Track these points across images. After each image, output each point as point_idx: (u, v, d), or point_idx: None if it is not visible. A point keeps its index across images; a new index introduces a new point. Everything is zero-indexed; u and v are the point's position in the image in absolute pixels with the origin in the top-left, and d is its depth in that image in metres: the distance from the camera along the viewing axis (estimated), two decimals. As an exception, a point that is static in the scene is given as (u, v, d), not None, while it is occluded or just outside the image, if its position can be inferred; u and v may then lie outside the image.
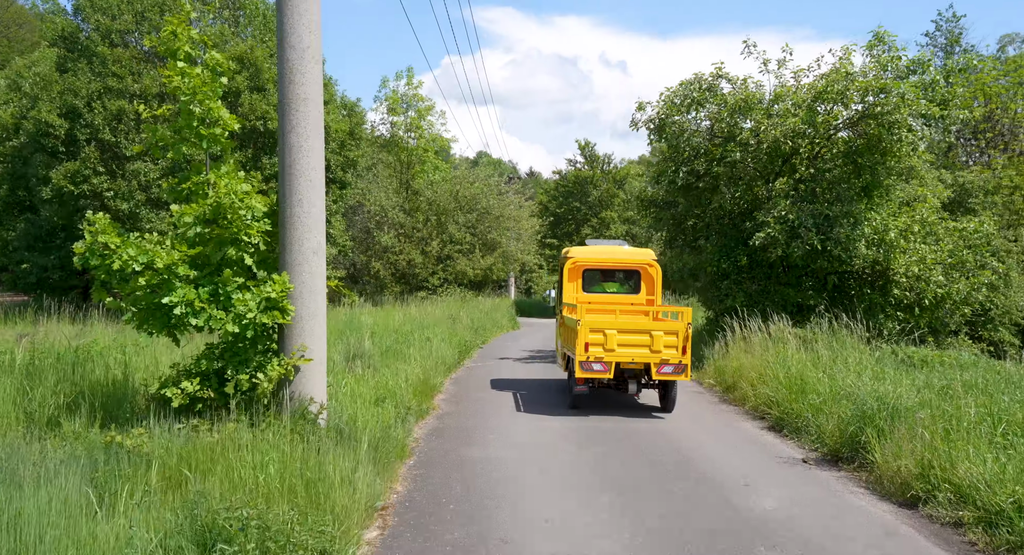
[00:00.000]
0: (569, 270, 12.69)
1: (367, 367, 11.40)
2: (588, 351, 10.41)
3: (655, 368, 10.41)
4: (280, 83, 7.19)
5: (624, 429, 9.60)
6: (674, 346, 10.39)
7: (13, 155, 23.33)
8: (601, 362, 10.39)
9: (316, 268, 7.24)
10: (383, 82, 46.79)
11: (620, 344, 10.44)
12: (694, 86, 15.04)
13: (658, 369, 10.40)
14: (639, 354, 10.43)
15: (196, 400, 6.80)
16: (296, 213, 7.13)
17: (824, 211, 13.68)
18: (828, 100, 14.06)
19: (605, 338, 10.42)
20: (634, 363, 10.48)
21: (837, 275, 14.85)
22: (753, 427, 10.03)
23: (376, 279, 34.40)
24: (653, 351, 10.39)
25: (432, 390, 11.46)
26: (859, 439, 7.87)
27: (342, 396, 8.25)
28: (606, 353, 10.40)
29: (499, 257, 36.47)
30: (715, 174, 15.43)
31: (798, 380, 10.26)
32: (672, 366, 10.37)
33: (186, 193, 7.02)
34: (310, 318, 7.19)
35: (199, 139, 7.03)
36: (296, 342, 7.11)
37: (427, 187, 36.06)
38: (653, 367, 10.42)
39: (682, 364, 10.37)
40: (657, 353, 10.37)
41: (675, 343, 10.40)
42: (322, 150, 7.33)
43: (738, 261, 15.17)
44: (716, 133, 15.36)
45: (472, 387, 12.84)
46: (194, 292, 6.63)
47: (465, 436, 8.96)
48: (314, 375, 7.21)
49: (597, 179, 47.45)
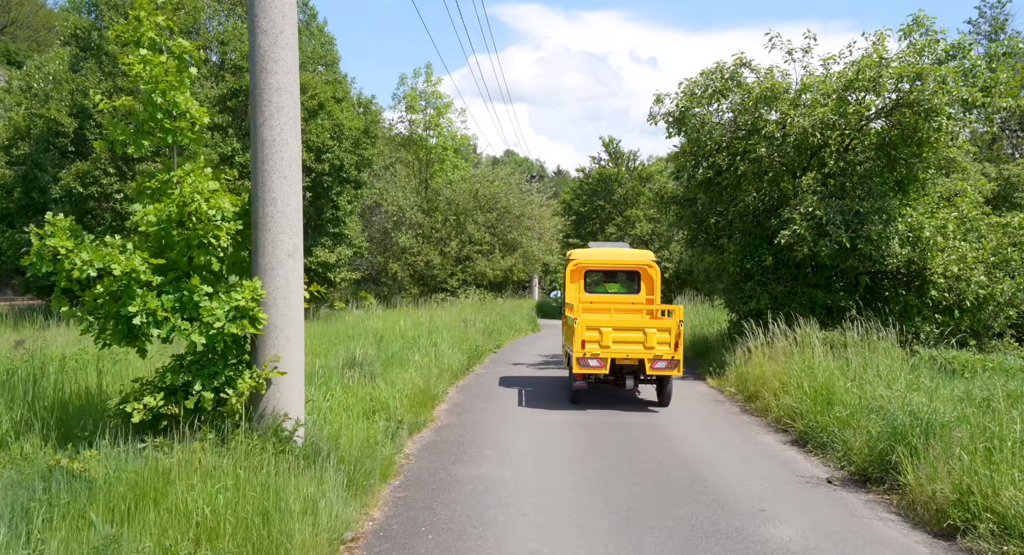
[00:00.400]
0: (571, 272, 13.21)
1: (365, 376, 10.85)
2: (585, 348, 10.97)
3: (649, 363, 10.91)
4: (252, 72, 6.64)
5: (634, 445, 8.92)
6: (667, 343, 10.94)
7: (26, 158, 23.24)
8: (597, 358, 10.95)
9: (292, 273, 6.69)
10: (401, 79, 46.29)
11: (615, 341, 10.97)
12: (716, 76, 14.25)
13: (652, 364, 10.91)
14: (633, 351, 10.95)
15: (160, 417, 6.28)
16: (269, 213, 6.57)
17: (855, 207, 12.84)
18: (859, 88, 13.20)
19: (601, 335, 10.95)
20: (629, 359, 11.02)
21: (869, 275, 13.97)
22: (775, 441, 9.29)
23: (394, 280, 33.98)
24: (647, 347, 10.91)
25: (433, 400, 10.88)
26: (890, 458, 7.12)
27: (327, 409, 7.68)
28: (602, 350, 10.95)
29: (520, 257, 35.84)
30: (738, 169, 14.64)
31: (824, 390, 9.48)
32: (665, 362, 10.91)
33: (150, 192, 6.49)
34: (285, 327, 6.63)
35: (164, 133, 6.50)
36: (269, 352, 6.55)
37: (446, 186, 35.55)
38: (647, 363, 10.92)
39: (675, 360, 10.91)
40: (650, 349, 10.91)
41: (668, 340, 10.94)
42: (298, 144, 6.77)
43: (762, 261, 14.38)
44: (739, 126, 14.57)
45: (477, 396, 12.23)
46: (156, 300, 6.10)
47: (461, 452, 8.35)
48: (289, 389, 6.64)
49: (622, 177, 46.54)
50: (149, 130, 6.47)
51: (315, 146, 24.07)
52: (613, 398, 12.16)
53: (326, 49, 29.53)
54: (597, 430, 9.61)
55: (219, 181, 6.60)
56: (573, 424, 10.02)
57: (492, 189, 35.81)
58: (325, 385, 9.03)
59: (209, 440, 6.06)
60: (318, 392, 8.12)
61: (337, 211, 25.96)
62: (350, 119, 25.76)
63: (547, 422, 10.11)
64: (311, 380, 9.31)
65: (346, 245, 27.24)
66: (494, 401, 11.70)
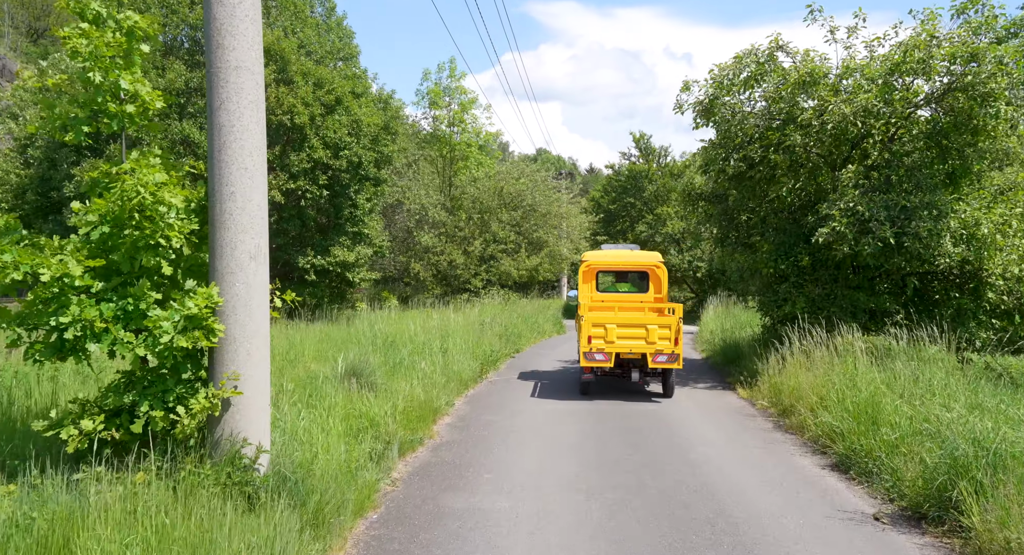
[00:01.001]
0: (583, 273, 13.86)
1: (364, 386, 10.05)
2: (591, 343, 11.86)
3: (651, 357, 11.74)
4: (207, 48, 5.82)
5: (651, 467, 7.95)
6: (667, 338, 11.76)
7: (43, 158, 22.96)
8: (602, 352, 11.83)
9: (254, 277, 5.87)
10: (424, 74, 45.72)
11: (619, 337, 11.81)
12: (749, 60, 13.15)
13: (653, 358, 11.74)
14: (636, 345, 11.81)
15: (102, 443, 5.51)
16: (228, 209, 5.76)
17: (901, 202, 11.68)
18: (907, 72, 12.03)
19: (606, 331, 11.79)
20: (632, 353, 11.86)
21: (918, 276, 12.78)
22: (811, 464, 8.25)
23: (417, 281, 33.28)
24: (648, 342, 11.75)
25: (434, 413, 10.02)
26: (949, 494, 6.07)
27: (303, 429, 6.86)
28: (607, 344, 11.81)
29: (546, 257, 34.89)
30: (772, 162, 13.53)
31: (869, 407, 8.41)
32: (666, 355, 11.74)
33: (90, 186, 5.73)
34: (246, 339, 5.81)
35: (109, 118, 5.73)
36: (227, 369, 5.74)
37: (470, 183, 34.74)
38: (649, 357, 11.75)
39: (674, 354, 11.75)
40: (652, 344, 11.74)
41: (668, 335, 11.77)
42: (261, 131, 5.95)
43: (798, 261, 13.26)
44: (773, 115, 13.46)
45: (486, 407, 11.34)
46: (95, 309, 5.33)
47: (456, 475, 7.48)
48: (251, 409, 5.82)
49: (652, 173, 45.28)
50: (90, 114, 5.69)
51: (332, 142, 23.42)
52: (630, 410, 11.20)
53: (344, 43, 28.93)
54: (610, 446, 8.66)
55: (170, 173, 5.81)
56: (584, 438, 9.09)
57: (517, 187, 34.90)
58: (313, 399, 8.23)
59: (153, 472, 5.27)
60: (293, 409, 7.29)
61: (356, 209, 25.26)
62: (369, 115, 25.07)
63: (556, 436, 9.19)
64: (300, 392, 8.53)
65: (366, 244, 26.52)
66: (502, 413, 10.81)
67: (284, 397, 7.88)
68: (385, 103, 29.53)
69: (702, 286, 44.06)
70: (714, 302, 28.08)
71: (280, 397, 7.83)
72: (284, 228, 23.31)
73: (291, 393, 8.25)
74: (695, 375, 15.49)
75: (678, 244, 43.70)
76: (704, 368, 16.86)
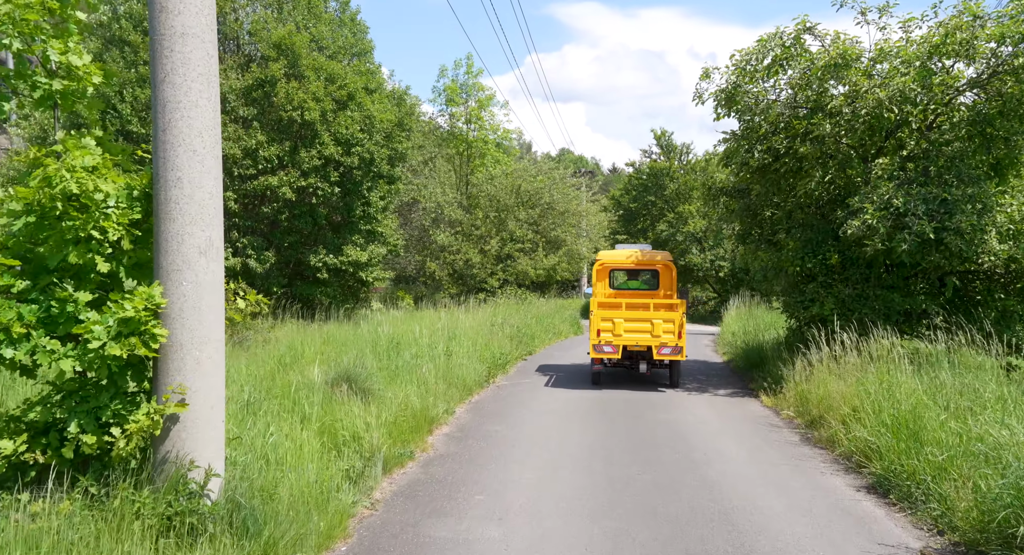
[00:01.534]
0: (597, 271, 14.67)
1: (355, 393, 9.33)
2: (600, 336, 12.88)
3: (655, 350, 12.73)
4: (149, 12, 5.10)
5: (664, 487, 7.13)
6: (671, 331, 12.70)
7: (49, 154, 22.53)
8: (611, 344, 12.81)
9: (205, 275, 5.14)
10: (441, 71, 44.90)
11: (626, 330, 12.79)
12: (773, 43, 12.22)
13: (658, 350, 12.71)
14: (642, 338, 12.78)
15: (25, 466, 4.82)
16: (174, 197, 5.04)
17: (941, 194, 10.72)
18: (948, 54, 11.06)
19: (614, 325, 12.79)
20: (638, 346, 12.86)
21: (958, 275, 11.80)
22: (845, 485, 7.37)
23: (432, 280, 32.61)
24: (654, 336, 12.73)
25: (431, 423, 9.26)
26: (1014, 531, 5.19)
27: (270, 447, 6.13)
28: (615, 337, 12.80)
29: (564, 256, 34.06)
30: (798, 153, 12.61)
31: (910, 421, 7.51)
32: (670, 348, 12.69)
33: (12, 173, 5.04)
34: (196, 346, 5.09)
35: (34, 91, 5.03)
36: (173, 381, 5.02)
37: (487, 181, 33.98)
38: (654, 349, 12.74)
39: (678, 346, 12.71)
40: (657, 337, 12.71)
41: (672, 329, 12.70)
42: (213, 108, 5.22)
43: (827, 259, 12.33)
44: (799, 103, 12.54)
45: (489, 415, 10.57)
46: (13, 311, 4.64)
47: (445, 496, 6.71)
48: (200, 427, 5.10)
49: (674, 171, 44.19)
50: (14, 88, 5.01)
51: (344, 139, 22.79)
52: (643, 419, 10.36)
53: (359, 38, 28.30)
54: (619, 462, 7.84)
55: (104, 156, 5.10)
56: (591, 452, 8.27)
57: (535, 184, 34.09)
58: (287, 409, 7.51)
59: (79, 501, 4.57)
60: (262, 422, 6.56)
61: (369, 207, 24.60)
62: (382, 111, 24.41)
63: (560, 449, 8.39)
64: (282, 401, 7.82)
65: (380, 243, 25.85)
66: (505, 422, 10.02)
67: (257, 407, 7.16)
68: (399, 99, 28.88)
69: (724, 286, 42.90)
70: (736, 303, 27.06)
71: (252, 407, 7.12)
72: (295, 226, 22.72)
73: (268, 402, 7.54)
74: (715, 380, 14.60)
75: (700, 243, 42.61)
76: (725, 372, 15.95)
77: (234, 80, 21.85)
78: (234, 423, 6.41)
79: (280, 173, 21.57)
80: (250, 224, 22.20)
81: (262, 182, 21.27)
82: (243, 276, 22.13)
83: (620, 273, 15.53)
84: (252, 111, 21.72)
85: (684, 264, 41.27)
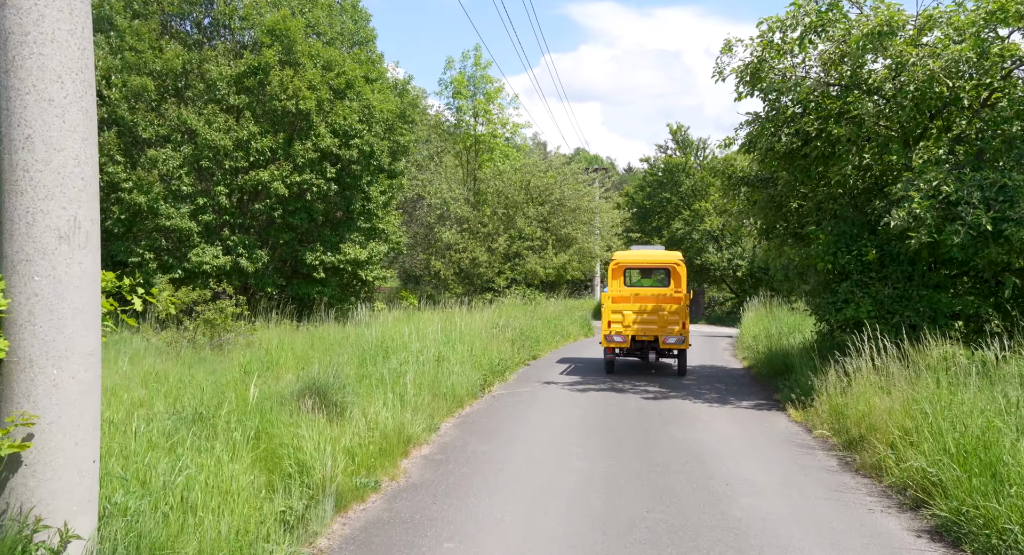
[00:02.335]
0: (612, 269, 15.49)
1: (324, 407, 8.08)
2: (611, 327, 14.16)
3: (661, 339, 13.95)
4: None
5: (679, 537, 5.79)
6: (676, 323, 13.97)
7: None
8: (620, 334, 14.05)
9: (68, 268, 3.88)
10: (448, 62, 43.47)
11: (635, 321, 14.10)
12: (808, 8, 10.82)
13: (664, 340, 13.95)
14: (649, 329, 14.03)
15: None
16: (21, 163, 3.79)
17: (999, 180, 9.30)
18: (1007, 21, 9.65)
19: (623, 317, 14.10)
20: (646, 335, 14.05)
21: (1016, 273, 10.36)
22: (901, 528, 6.00)
23: (437, 279, 31.34)
24: (660, 327, 14.02)
25: (406, 444, 7.97)
26: None
27: (181, 486, 4.87)
28: (624, 328, 14.07)
29: (575, 254, 32.68)
30: (831, 136, 11.22)
31: (981, 449, 6.13)
32: (675, 338, 13.93)
33: None
34: (54, 362, 3.83)
35: None
36: (16, 407, 3.77)
37: (495, 177, 32.65)
38: (660, 338, 13.96)
39: (682, 336, 13.98)
40: (663, 328, 13.99)
41: (677, 320, 13.97)
42: (82, 42, 3.94)
43: (862, 254, 10.94)
44: (833, 79, 11.15)
45: (478, 432, 9.26)
46: None
47: (405, 545, 5.40)
48: (57, 472, 3.83)
49: (690, 167, 42.67)
50: None
51: (342, 130, 21.52)
52: (656, 438, 9.03)
53: (360, 26, 27.09)
54: (626, 494, 6.51)
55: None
56: (592, 481, 6.95)
57: (545, 180, 32.73)
58: (230, 432, 6.26)
59: None
60: (173, 455, 5.28)
61: (369, 203, 23.33)
62: (382, 101, 23.16)
63: (557, 477, 7.07)
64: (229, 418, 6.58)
65: (381, 240, 24.56)
66: (496, 440, 8.71)
67: (186, 429, 5.91)
68: (402, 90, 27.62)
69: (742, 286, 41.36)
70: (755, 303, 25.58)
71: (175, 431, 5.86)
72: (290, 223, 21.52)
73: (202, 424, 6.29)
74: (736, 389, 13.22)
75: (716, 242, 41.13)
76: (746, 380, 14.55)
77: (225, 67, 20.69)
78: (141, 454, 5.16)
79: (271, 167, 20.37)
80: (241, 221, 21.04)
81: (253, 177, 20.07)
82: (235, 276, 21.02)
83: (634, 271, 16.72)
84: (243, 100, 20.53)
85: (700, 263, 39.78)
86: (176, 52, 20.34)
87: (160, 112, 20.10)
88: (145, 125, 19.42)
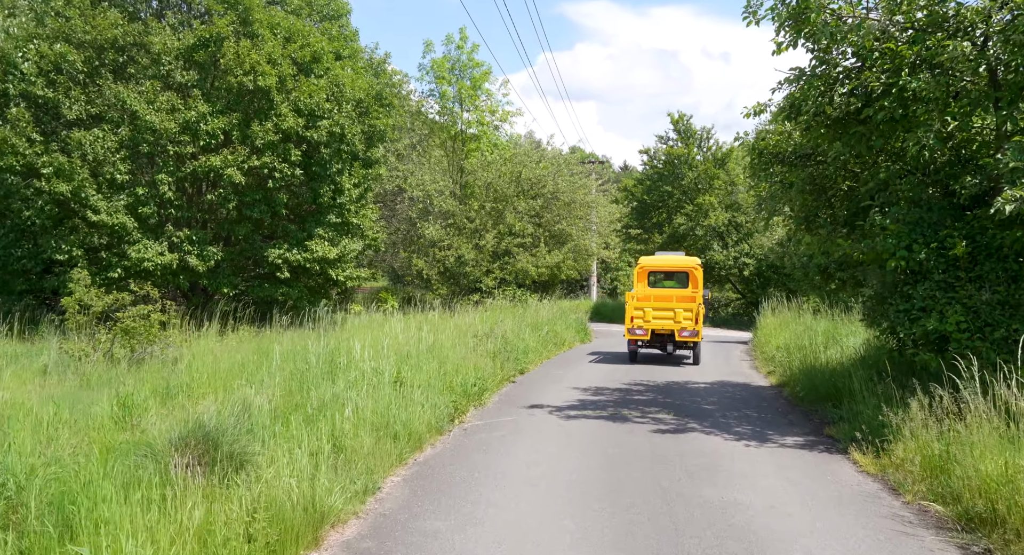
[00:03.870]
0: (637, 273, 17.37)
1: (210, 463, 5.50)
2: (633, 322, 16.30)
3: (677, 332, 16.06)
4: None
5: None
6: (690, 318, 16.15)
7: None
8: (642, 328, 16.15)
9: None
10: (427, 46, 40.23)
11: (654, 317, 16.23)
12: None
13: (679, 333, 16.07)
14: (666, 323, 16.18)
15: None
16: None
17: None
18: None
19: (644, 313, 16.23)
20: (664, 329, 16.14)
21: None
22: None
23: (420, 279, 28.67)
24: (675, 321, 16.14)
25: (317, 526, 5.28)
26: None
27: None
28: (644, 323, 16.22)
29: (569, 252, 30.05)
30: (902, 93, 8.57)
31: None
32: (689, 331, 16.08)
33: None
34: None
35: None
36: None
37: (483, 168, 29.98)
38: (676, 332, 16.05)
39: (695, 330, 16.12)
40: (678, 323, 16.12)
41: (691, 316, 16.17)
42: None
43: (946, 247, 8.33)
44: (906, 21, 8.55)
45: (434, 493, 6.56)
46: None
47: None
48: None
49: (693, 158, 40.04)
50: None
51: (308, 109, 18.76)
52: (681, 500, 6.40)
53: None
54: None
55: None
56: None
57: (537, 172, 30.08)
58: None
59: None
60: None
61: (340, 195, 20.54)
62: (355, 79, 20.46)
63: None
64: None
65: (355, 237, 21.80)
66: (456, 511, 6.05)
67: None
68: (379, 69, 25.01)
69: (749, 286, 38.80)
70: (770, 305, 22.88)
71: None
72: (248, 215, 18.80)
73: None
74: (770, 416, 10.59)
75: (722, 238, 38.56)
76: (779, 403, 11.86)
77: (170, 38, 18.00)
78: None
79: (224, 152, 17.67)
80: (189, 215, 18.34)
81: (203, 163, 17.35)
82: (184, 275, 18.34)
83: (658, 274, 18.54)
84: (192, 76, 17.80)
85: (704, 261, 37.21)
86: (113, 20, 17.63)
87: (93, 89, 17.39)
88: (70, 103, 16.72)
